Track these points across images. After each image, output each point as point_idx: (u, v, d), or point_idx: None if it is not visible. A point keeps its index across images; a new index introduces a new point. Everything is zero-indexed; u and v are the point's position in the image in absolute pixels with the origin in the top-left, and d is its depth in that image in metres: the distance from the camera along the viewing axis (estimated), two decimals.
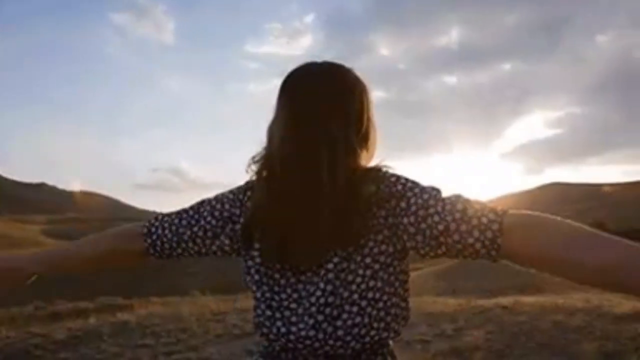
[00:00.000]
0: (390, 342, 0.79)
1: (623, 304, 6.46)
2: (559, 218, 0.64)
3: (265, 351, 0.81)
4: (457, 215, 0.67)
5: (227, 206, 0.82)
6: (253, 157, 0.80)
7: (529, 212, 0.67)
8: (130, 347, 5.25)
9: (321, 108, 0.75)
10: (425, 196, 0.71)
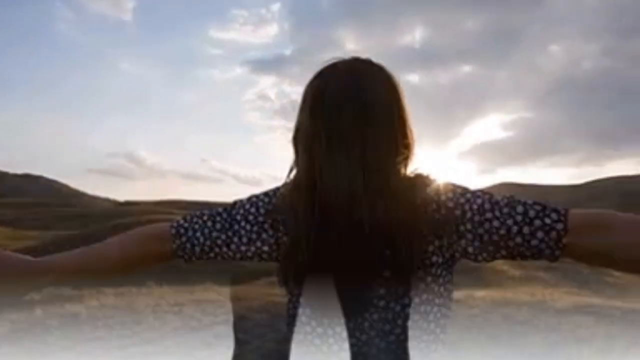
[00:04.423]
0: None
1: (563, 298, 6.96)
2: (620, 214, 0.65)
3: None
4: (519, 218, 0.66)
5: (262, 210, 0.78)
6: (288, 174, 0.76)
7: (591, 210, 0.67)
8: (80, 340, 5.02)
9: (353, 121, 0.72)
10: (479, 201, 0.69)
